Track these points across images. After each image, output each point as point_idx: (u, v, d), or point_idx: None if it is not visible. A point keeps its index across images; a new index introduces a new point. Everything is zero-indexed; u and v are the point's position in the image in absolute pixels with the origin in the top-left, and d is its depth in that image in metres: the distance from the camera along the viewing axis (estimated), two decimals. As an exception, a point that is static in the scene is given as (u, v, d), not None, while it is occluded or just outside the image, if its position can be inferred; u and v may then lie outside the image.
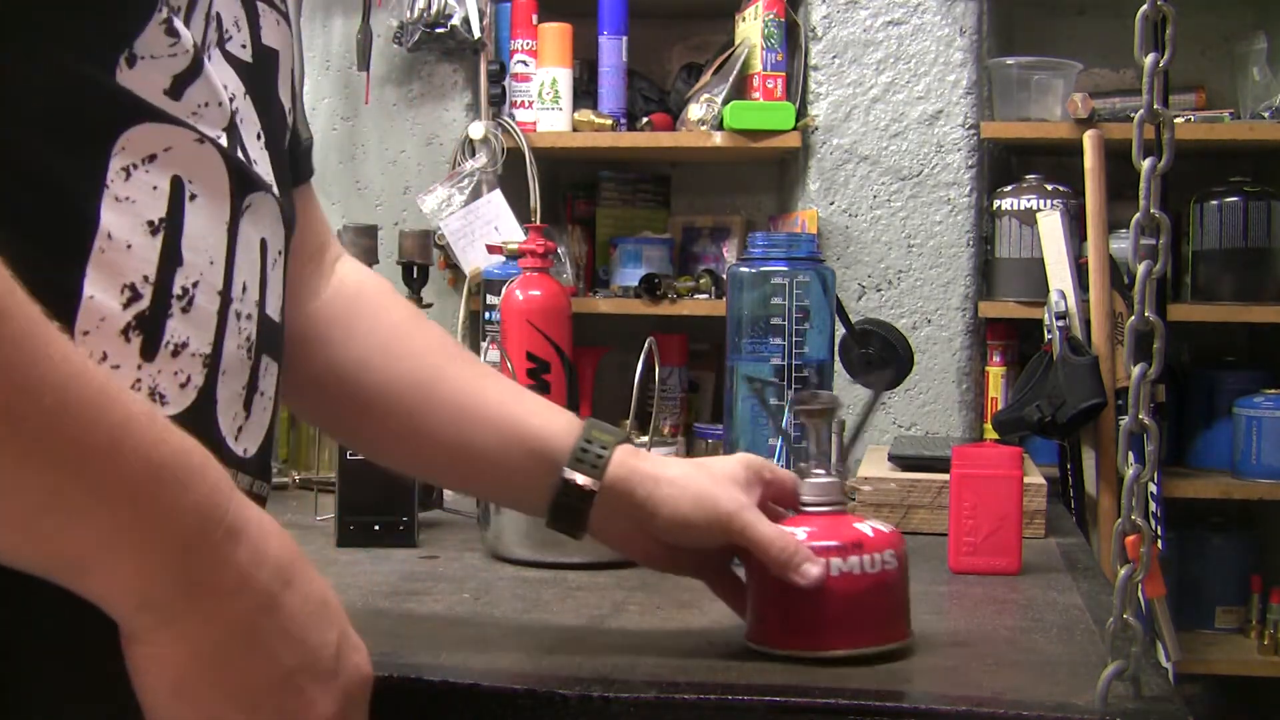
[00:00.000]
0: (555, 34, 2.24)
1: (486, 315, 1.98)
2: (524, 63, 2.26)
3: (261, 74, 0.73)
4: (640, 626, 1.08)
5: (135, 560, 0.54)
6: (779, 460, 1.28)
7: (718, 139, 2.15)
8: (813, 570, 0.93)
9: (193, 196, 0.64)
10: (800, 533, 0.98)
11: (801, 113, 2.17)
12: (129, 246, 0.61)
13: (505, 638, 1.04)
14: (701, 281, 2.23)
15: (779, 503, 0.99)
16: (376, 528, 1.40)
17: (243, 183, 0.68)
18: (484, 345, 1.95)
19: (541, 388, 1.74)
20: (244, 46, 0.71)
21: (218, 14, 0.69)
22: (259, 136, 0.72)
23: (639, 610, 1.14)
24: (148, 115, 0.62)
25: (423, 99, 2.29)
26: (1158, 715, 0.86)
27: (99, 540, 0.53)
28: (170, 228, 0.63)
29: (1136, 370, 0.89)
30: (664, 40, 2.49)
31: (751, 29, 2.18)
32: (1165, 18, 0.90)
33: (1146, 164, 0.91)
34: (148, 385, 0.62)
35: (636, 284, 2.18)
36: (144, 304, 0.61)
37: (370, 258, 1.99)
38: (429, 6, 2.16)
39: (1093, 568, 1.35)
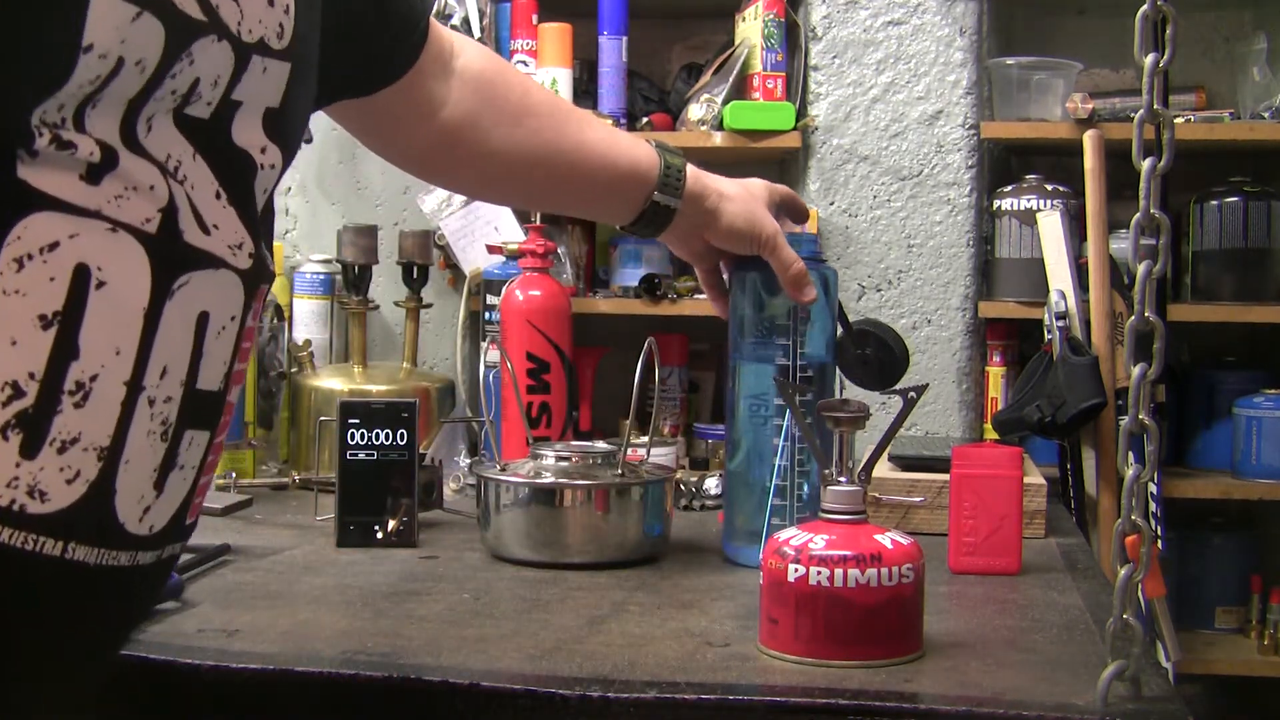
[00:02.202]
0: (555, 34, 2.24)
1: (486, 315, 1.98)
2: (524, 63, 2.26)
3: (216, 127, 0.70)
4: (640, 626, 1.08)
5: None
6: (781, 458, 1.28)
7: (718, 139, 2.15)
8: (811, 292, 1.26)
9: (100, 285, 0.62)
10: (820, 541, 0.98)
11: (801, 113, 2.17)
12: (14, 343, 0.59)
13: (505, 638, 1.04)
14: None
15: (790, 212, 1.37)
16: (376, 528, 1.40)
17: (172, 264, 0.66)
18: (484, 345, 1.95)
19: (541, 388, 1.74)
20: (209, 104, 0.69)
21: (195, 79, 0.66)
22: (219, 195, 0.70)
23: (639, 610, 1.14)
24: (49, 205, 0.60)
25: (423, 99, 2.28)
26: (1158, 715, 0.86)
27: None
28: (67, 320, 0.61)
29: (1136, 370, 0.89)
30: (664, 40, 2.48)
31: (751, 29, 2.18)
32: (1165, 18, 0.90)
33: (1146, 164, 0.91)
34: (26, 483, 0.60)
35: (636, 284, 2.18)
36: (27, 401, 0.60)
37: (370, 258, 2.00)
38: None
39: (1093, 568, 1.35)
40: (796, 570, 0.97)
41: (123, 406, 0.64)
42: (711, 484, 1.73)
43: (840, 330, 1.37)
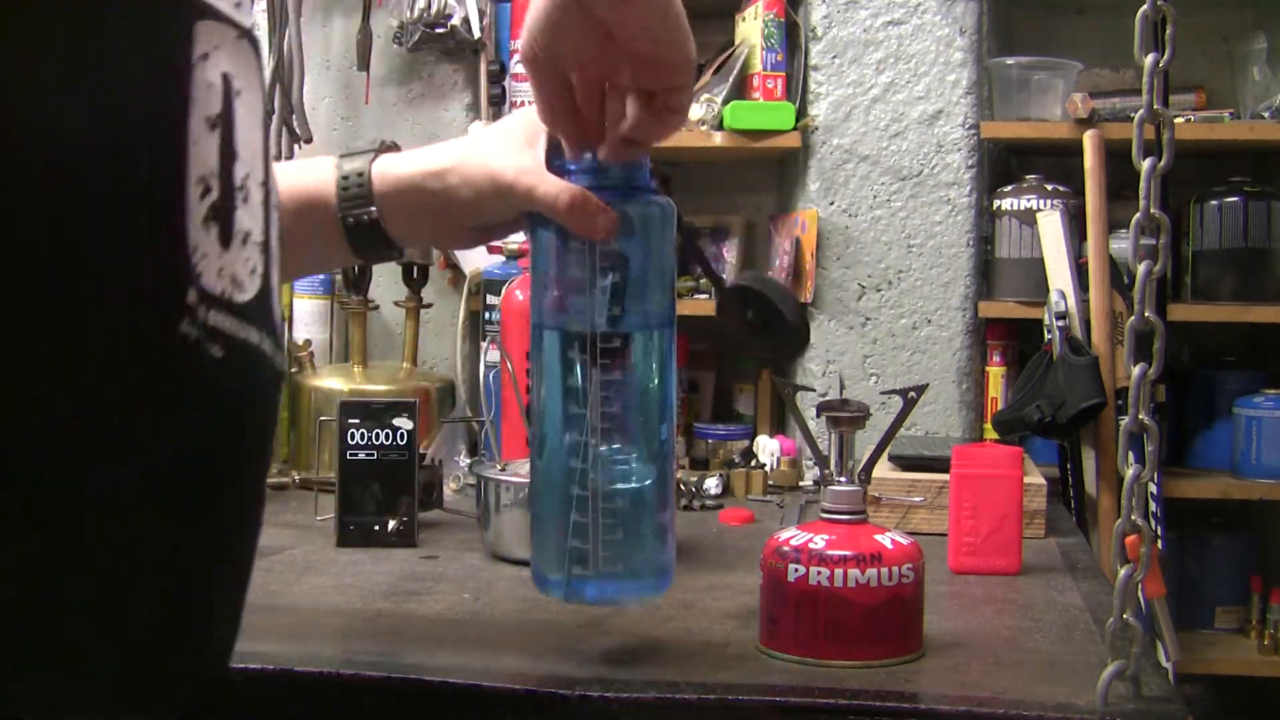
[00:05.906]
0: (555, 34, 2.24)
1: (486, 315, 1.98)
2: (524, 63, 2.26)
3: None
4: (640, 626, 1.08)
5: None
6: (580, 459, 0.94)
7: (718, 139, 2.15)
8: (599, 223, 0.91)
9: (238, 93, 0.66)
10: (820, 541, 0.98)
11: (801, 113, 2.17)
12: (196, 143, 0.63)
13: (505, 638, 1.04)
14: (701, 282, 2.23)
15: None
16: (376, 528, 1.40)
17: (261, 70, 0.72)
18: (484, 345, 1.95)
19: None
20: None
21: None
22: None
23: (639, 610, 1.14)
24: (210, 15, 0.64)
25: (423, 99, 2.28)
26: (1158, 715, 0.86)
27: None
28: (225, 123, 0.65)
29: (1136, 370, 0.89)
30: (664, 40, 2.48)
31: (751, 29, 2.18)
32: (1165, 18, 0.90)
33: (1146, 164, 0.91)
34: (229, 273, 0.64)
35: (636, 284, 2.18)
36: (214, 196, 0.64)
37: (370, 258, 1.99)
38: (429, 6, 2.16)
39: (1093, 568, 1.35)
40: (796, 570, 0.97)
41: (264, 206, 0.69)
42: (711, 484, 1.73)
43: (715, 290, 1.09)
